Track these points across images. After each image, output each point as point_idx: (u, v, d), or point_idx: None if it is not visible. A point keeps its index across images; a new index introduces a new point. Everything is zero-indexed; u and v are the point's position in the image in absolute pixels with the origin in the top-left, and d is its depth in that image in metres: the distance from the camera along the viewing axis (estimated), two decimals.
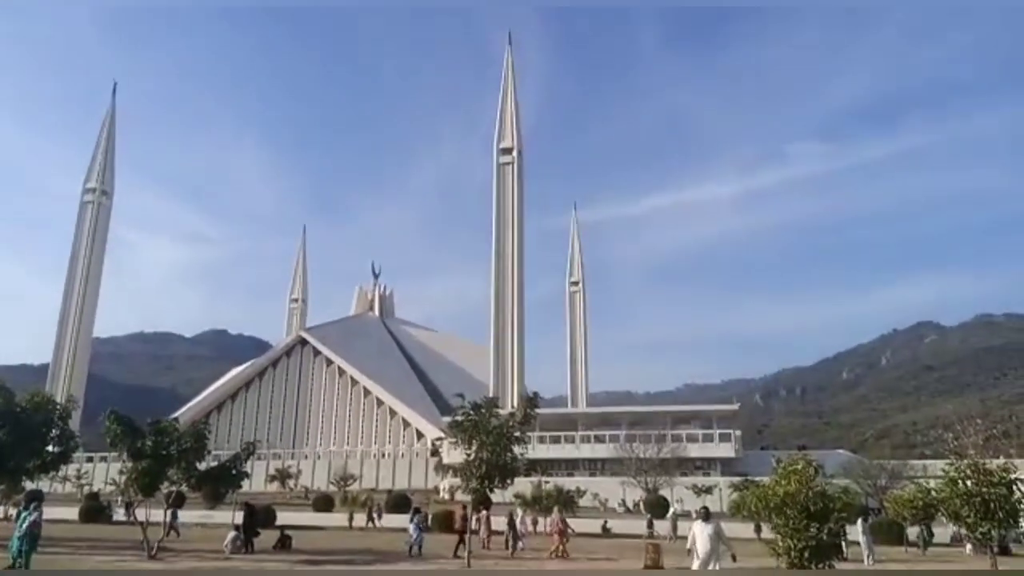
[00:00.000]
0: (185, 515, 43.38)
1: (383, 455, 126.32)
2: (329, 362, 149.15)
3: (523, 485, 50.28)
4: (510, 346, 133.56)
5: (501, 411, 25.43)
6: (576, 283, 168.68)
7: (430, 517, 42.56)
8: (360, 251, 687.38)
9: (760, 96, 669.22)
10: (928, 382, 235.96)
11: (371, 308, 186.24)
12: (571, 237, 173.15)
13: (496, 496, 31.55)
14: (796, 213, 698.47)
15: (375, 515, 45.33)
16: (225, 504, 46.75)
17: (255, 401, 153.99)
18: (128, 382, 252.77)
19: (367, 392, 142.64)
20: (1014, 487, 12.76)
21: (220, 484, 28.07)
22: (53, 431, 26.95)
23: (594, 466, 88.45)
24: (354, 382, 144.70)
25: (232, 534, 25.39)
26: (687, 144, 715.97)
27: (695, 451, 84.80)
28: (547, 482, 52.57)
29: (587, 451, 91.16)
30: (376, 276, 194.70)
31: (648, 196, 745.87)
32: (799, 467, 11.80)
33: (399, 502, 56.14)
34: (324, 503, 57.86)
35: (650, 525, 36.65)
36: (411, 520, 27.53)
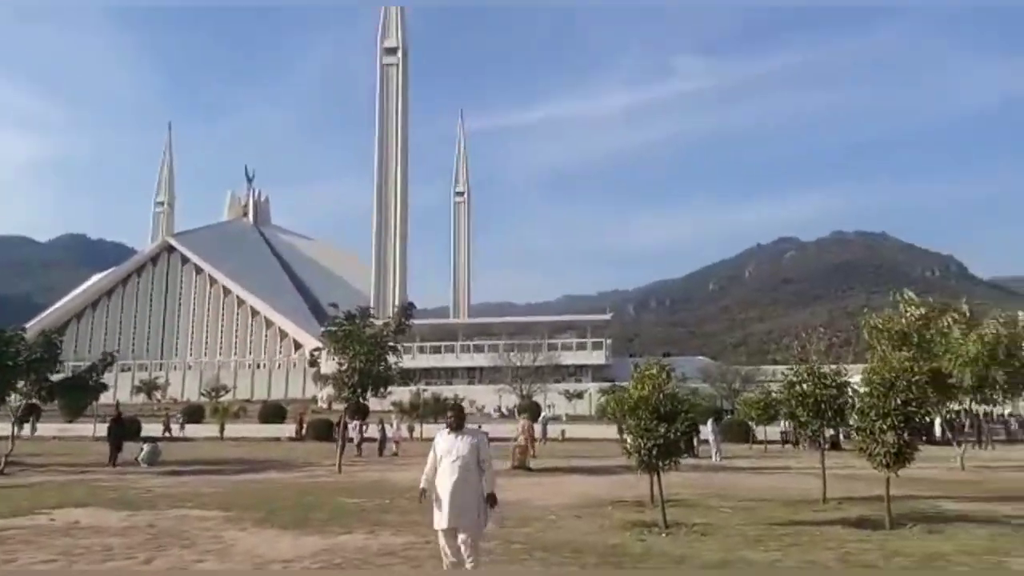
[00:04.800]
0: (42, 428, 41.20)
1: (258, 365, 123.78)
2: (199, 270, 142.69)
3: (402, 393, 50.79)
4: (392, 255, 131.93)
5: (376, 321, 25.24)
6: (461, 193, 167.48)
7: (305, 427, 42.36)
8: (233, 153, 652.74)
9: (648, 7, 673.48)
10: (785, 294, 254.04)
11: (245, 214, 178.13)
12: (457, 145, 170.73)
13: (374, 404, 31.69)
14: (677, 130, 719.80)
15: (171, 423, 43.76)
16: (86, 416, 44.61)
17: (119, 309, 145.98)
18: None
19: (240, 301, 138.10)
20: (843, 389, 13.89)
21: (76, 396, 26.61)
22: None
23: (472, 374, 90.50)
24: (227, 291, 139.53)
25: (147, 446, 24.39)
26: (578, 54, 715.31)
27: (569, 359, 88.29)
28: (425, 390, 53.34)
29: (467, 360, 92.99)
30: (250, 180, 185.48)
31: (538, 106, 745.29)
32: (653, 372, 12.39)
33: (274, 412, 55.50)
34: (193, 414, 56.35)
35: None
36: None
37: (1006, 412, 40.29)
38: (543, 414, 46.53)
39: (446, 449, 7.26)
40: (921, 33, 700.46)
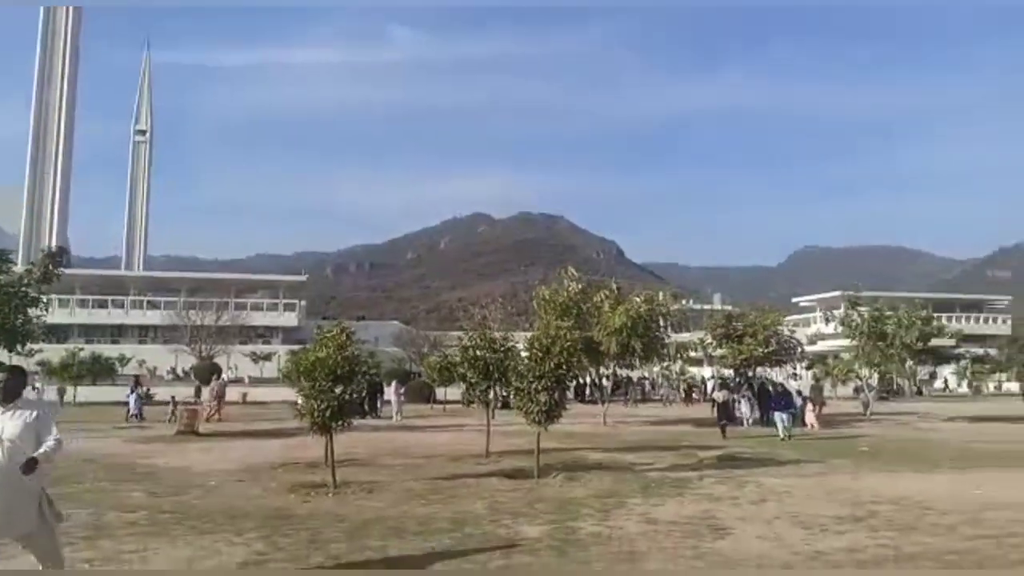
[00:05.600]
0: None
1: None
2: None
3: (53, 351, 44.42)
4: (49, 194, 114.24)
5: (16, 267, 21.63)
6: (143, 132, 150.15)
7: None
8: None
9: None
10: (476, 266, 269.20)
11: None
12: (141, 78, 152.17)
13: (17, 362, 27.28)
14: (388, 97, 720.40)
15: None
16: None
17: None
18: None
19: None
20: (509, 353, 15.07)
21: None
22: None
23: (145, 333, 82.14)
24: None
25: None
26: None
27: (259, 319, 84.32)
28: (82, 349, 47.02)
29: (138, 317, 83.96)
30: None
31: (242, 47, 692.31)
32: (335, 333, 12.27)
33: None
34: None
35: (197, 392, 35.57)
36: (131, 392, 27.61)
37: (643, 375, 47.23)
38: (222, 376, 43.94)
39: None
40: (613, 43, 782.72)
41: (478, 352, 15.43)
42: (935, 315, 40.26)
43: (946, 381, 68.11)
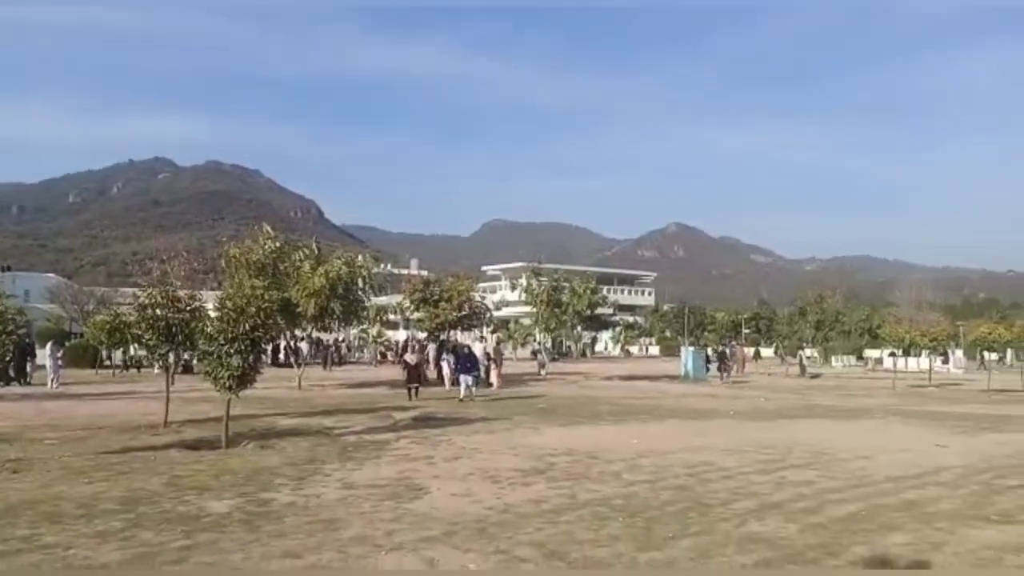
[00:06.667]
0: None
1: None
2: None
3: None
4: None
5: None
6: None
7: None
8: None
9: None
10: (155, 216, 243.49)
11: None
12: None
13: None
14: (51, 15, 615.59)
15: None
16: None
17: None
18: None
19: None
20: (196, 314, 13.79)
21: None
22: None
23: None
24: None
25: None
26: None
27: None
28: None
29: None
30: None
31: None
32: None
33: None
34: None
35: None
36: None
37: (340, 338, 46.78)
38: None
39: None
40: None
41: (158, 311, 13.90)
42: (599, 287, 45.75)
43: (594, 341, 77.87)
